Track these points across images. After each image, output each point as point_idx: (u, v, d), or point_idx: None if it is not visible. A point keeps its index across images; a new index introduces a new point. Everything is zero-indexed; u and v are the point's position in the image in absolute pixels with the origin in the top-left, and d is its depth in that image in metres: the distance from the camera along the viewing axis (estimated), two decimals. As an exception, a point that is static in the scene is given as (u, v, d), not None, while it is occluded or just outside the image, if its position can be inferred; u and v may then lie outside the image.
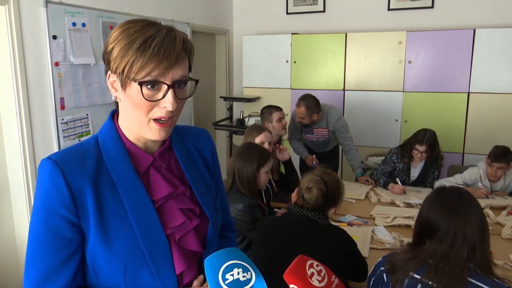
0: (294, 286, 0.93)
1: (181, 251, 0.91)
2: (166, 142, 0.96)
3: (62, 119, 2.74)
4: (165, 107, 0.83)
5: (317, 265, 0.99)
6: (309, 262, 0.98)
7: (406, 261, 1.37)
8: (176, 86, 0.83)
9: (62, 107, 2.73)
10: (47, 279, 0.84)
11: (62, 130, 2.74)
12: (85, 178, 0.84)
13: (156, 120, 0.84)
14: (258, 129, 2.79)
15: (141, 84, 0.81)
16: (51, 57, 2.62)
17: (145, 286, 0.87)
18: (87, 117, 2.94)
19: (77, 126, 2.86)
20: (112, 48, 0.84)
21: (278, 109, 3.27)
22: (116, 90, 0.87)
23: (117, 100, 0.88)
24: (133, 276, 0.86)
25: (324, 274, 0.98)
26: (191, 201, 0.96)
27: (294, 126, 3.54)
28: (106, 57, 0.86)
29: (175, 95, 0.83)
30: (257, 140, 2.69)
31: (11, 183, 2.61)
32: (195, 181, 0.98)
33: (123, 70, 0.82)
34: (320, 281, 0.96)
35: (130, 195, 0.87)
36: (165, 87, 0.82)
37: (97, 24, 2.96)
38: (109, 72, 0.86)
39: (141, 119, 0.84)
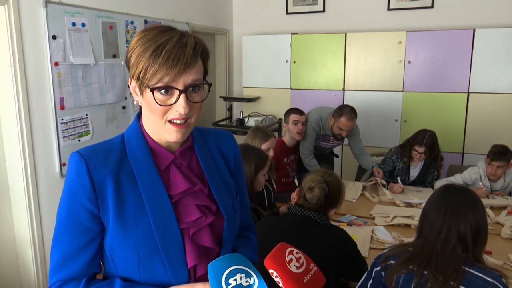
0: (273, 271, 0.97)
1: (195, 246, 0.94)
2: (188, 142, 1.01)
3: (62, 119, 2.74)
4: (177, 111, 0.88)
5: (296, 253, 1.02)
6: (289, 249, 1.02)
7: (403, 262, 1.41)
8: (190, 90, 0.88)
9: (62, 107, 2.73)
10: (66, 261, 0.91)
11: (62, 130, 2.74)
12: (107, 172, 0.90)
13: (171, 121, 0.89)
14: (264, 135, 2.71)
15: (152, 90, 0.86)
16: (50, 57, 2.62)
17: (158, 276, 0.91)
18: (87, 117, 2.93)
19: (77, 126, 2.86)
20: (130, 56, 0.89)
21: (298, 112, 3.22)
22: (138, 95, 0.92)
23: (139, 104, 0.93)
24: (147, 266, 0.91)
25: (303, 262, 1.01)
26: (209, 199, 0.99)
27: (313, 139, 3.37)
28: (127, 64, 0.92)
29: (188, 99, 0.87)
30: (263, 147, 2.63)
31: (11, 183, 2.61)
32: (214, 180, 1.01)
33: (138, 77, 0.87)
34: (298, 267, 1.00)
35: (149, 189, 0.92)
36: (177, 92, 0.87)
37: (97, 24, 2.96)
38: (130, 77, 0.92)
39: (158, 121, 0.90)
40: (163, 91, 0.86)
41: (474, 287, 1.29)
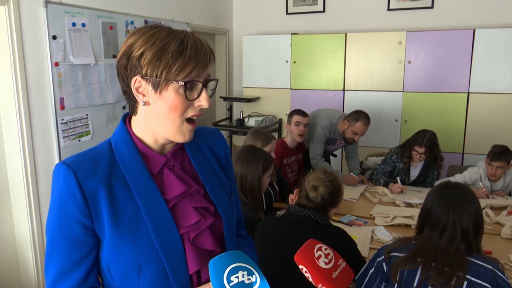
0: (303, 267, 0.99)
1: (196, 250, 0.91)
2: (179, 143, 0.97)
3: (62, 119, 2.74)
4: (199, 106, 0.87)
5: (325, 249, 1.05)
6: (317, 246, 1.05)
7: (408, 258, 1.46)
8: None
9: (62, 107, 2.73)
10: (62, 277, 0.87)
11: (62, 130, 2.74)
12: (98, 181, 0.86)
13: (188, 120, 0.88)
14: (266, 138, 2.70)
15: (185, 84, 0.84)
16: (51, 57, 2.62)
17: (158, 285, 0.89)
18: (87, 117, 2.93)
19: (77, 126, 2.86)
20: (142, 53, 0.84)
21: (301, 113, 3.22)
22: (144, 95, 0.87)
23: (148, 105, 0.88)
24: (147, 275, 0.88)
25: (332, 257, 1.04)
26: (206, 199, 0.96)
27: (323, 143, 3.37)
28: (132, 63, 0.85)
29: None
30: (265, 149, 2.63)
31: (11, 183, 2.61)
32: (208, 179, 0.99)
33: (161, 73, 0.83)
34: (326, 263, 1.02)
35: (144, 195, 0.88)
36: (199, 86, 0.86)
37: (97, 24, 2.96)
38: (136, 77, 0.86)
39: (176, 120, 0.87)
40: (188, 85, 0.85)
41: (477, 274, 1.38)
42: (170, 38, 0.84)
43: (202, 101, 0.87)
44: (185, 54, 0.83)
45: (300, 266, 0.98)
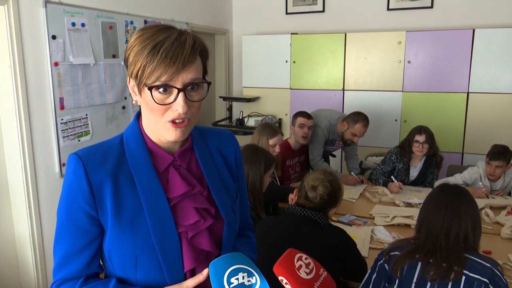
0: (283, 278, 0.96)
1: (192, 249, 0.93)
2: (188, 143, 0.99)
3: (62, 119, 2.73)
4: (176, 110, 0.86)
5: (305, 258, 1.01)
6: (297, 255, 1.01)
7: (408, 253, 1.49)
8: (188, 88, 0.86)
9: (62, 107, 2.73)
10: (66, 261, 0.92)
11: (62, 130, 2.74)
12: (105, 174, 0.90)
13: (171, 121, 0.88)
14: (272, 130, 2.73)
15: (150, 88, 0.85)
16: (50, 57, 2.62)
17: (154, 279, 0.91)
18: (87, 117, 2.93)
19: (77, 126, 2.86)
20: (128, 55, 0.88)
21: (305, 115, 3.22)
22: (136, 94, 0.91)
23: (138, 104, 0.93)
24: (144, 268, 0.91)
25: (313, 267, 1.00)
26: (208, 201, 0.98)
27: (323, 144, 3.39)
28: (125, 63, 0.91)
29: (186, 98, 0.86)
30: (271, 142, 2.66)
31: (11, 184, 2.61)
32: (214, 181, 1.00)
33: (136, 75, 0.86)
34: (307, 273, 0.99)
35: (147, 191, 0.91)
36: (175, 90, 0.86)
37: (97, 24, 2.96)
38: (129, 77, 0.91)
39: (157, 121, 0.89)
40: (161, 89, 0.85)
41: (474, 270, 1.40)
42: (150, 41, 0.85)
43: (177, 106, 0.85)
44: (155, 58, 0.83)
45: (280, 278, 0.95)
